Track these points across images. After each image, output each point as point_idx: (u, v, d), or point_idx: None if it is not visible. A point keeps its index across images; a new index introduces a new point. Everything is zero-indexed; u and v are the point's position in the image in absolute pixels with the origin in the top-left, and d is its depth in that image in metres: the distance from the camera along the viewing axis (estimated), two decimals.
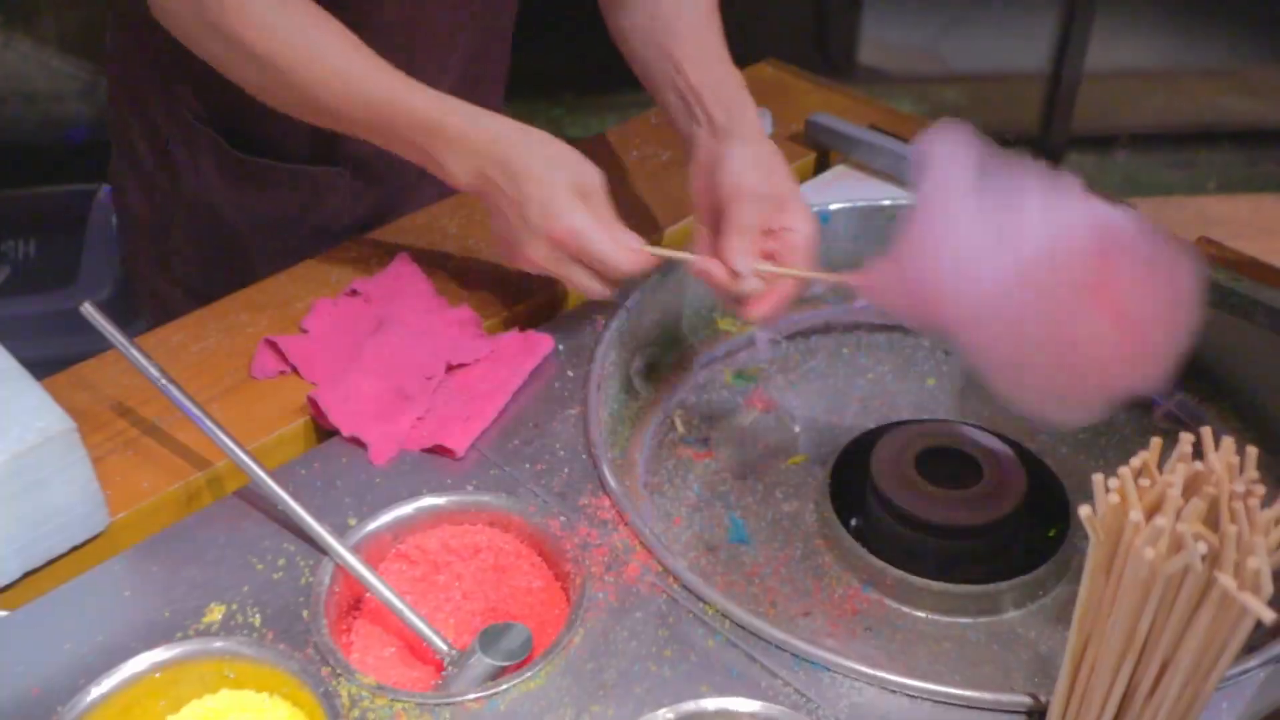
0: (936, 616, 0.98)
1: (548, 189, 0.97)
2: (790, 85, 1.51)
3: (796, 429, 1.17)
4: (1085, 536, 0.63)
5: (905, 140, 1.35)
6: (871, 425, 1.14)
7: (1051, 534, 1.02)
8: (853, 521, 1.04)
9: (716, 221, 1.03)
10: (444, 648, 0.83)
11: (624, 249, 0.98)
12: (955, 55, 3.39)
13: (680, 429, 1.15)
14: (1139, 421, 1.15)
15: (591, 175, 1.00)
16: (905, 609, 0.99)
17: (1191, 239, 1.21)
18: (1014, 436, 1.11)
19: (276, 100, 1.05)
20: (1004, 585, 0.99)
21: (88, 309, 0.93)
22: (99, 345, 1.01)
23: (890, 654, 0.95)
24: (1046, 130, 3.02)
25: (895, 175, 1.29)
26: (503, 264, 1.04)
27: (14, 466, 0.83)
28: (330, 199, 1.27)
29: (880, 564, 1.00)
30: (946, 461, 1.06)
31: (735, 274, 0.99)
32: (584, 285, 1.00)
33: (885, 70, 3.42)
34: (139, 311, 2.09)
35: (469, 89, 1.13)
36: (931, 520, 1.00)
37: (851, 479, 1.07)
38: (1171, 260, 0.84)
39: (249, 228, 1.27)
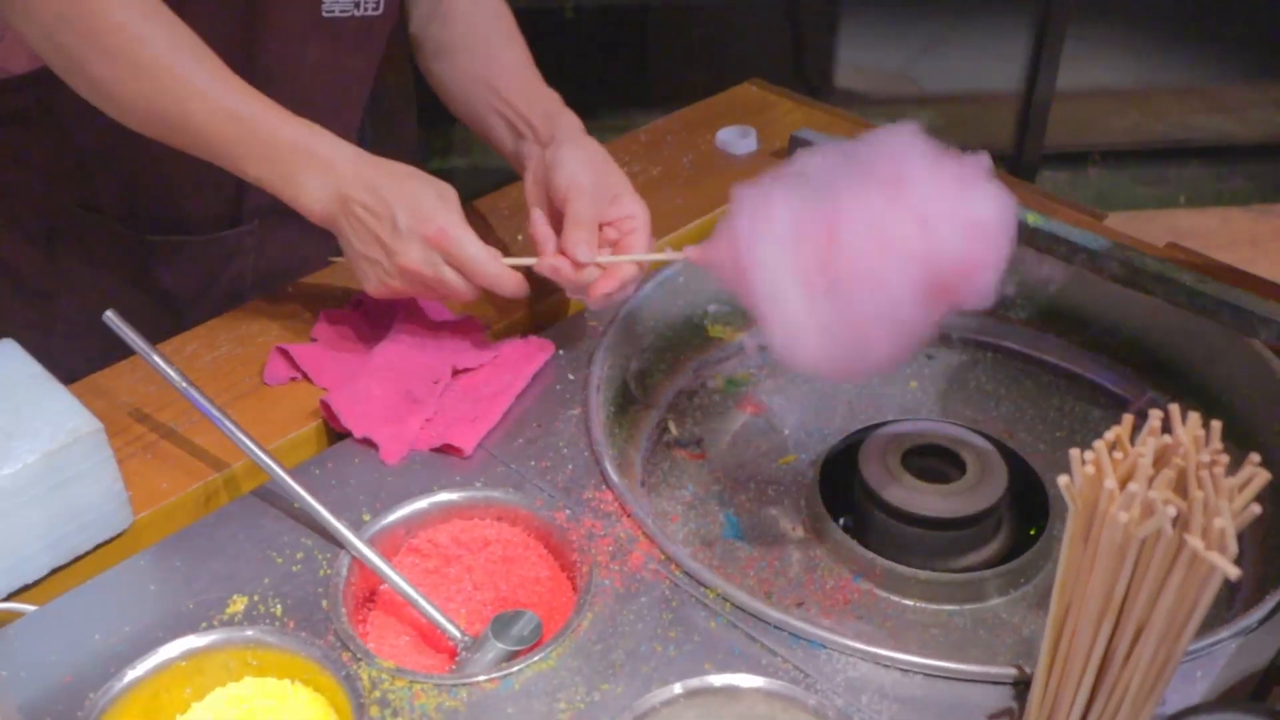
0: (924, 604, 1.03)
1: (414, 196, 1.01)
2: (773, 104, 1.57)
3: (786, 431, 1.21)
4: (1065, 526, 0.68)
5: None
6: (858, 426, 1.19)
7: (1032, 532, 1.07)
8: (842, 516, 1.08)
9: (556, 221, 1.08)
10: (458, 635, 0.88)
11: (489, 253, 1.03)
12: (929, 77, 3.47)
13: (674, 432, 1.20)
14: (1113, 420, 1.19)
15: (450, 190, 1.04)
16: (894, 598, 1.03)
17: (1160, 245, 1.27)
18: (994, 435, 1.16)
19: (132, 110, 1.03)
20: (988, 573, 1.03)
21: (110, 317, 0.97)
22: None
23: (880, 641, 0.99)
24: (1020, 148, 3.09)
25: None
26: (369, 290, 1.06)
27: (45, 465, 0.87)
28: (237, 261, 1.29)
29: (869, 555, 1.04)
30: (931, 458, 1.11)
31: (579, 265, 1.04)
32: (454, 287, 1.03)
33: (861, 93, 3.48)
34: None
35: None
36: (918, 513, 1.04)
37: (840, 476, 1.11)
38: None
39: (153, 306, 1.27)
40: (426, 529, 0.96)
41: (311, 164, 1.01)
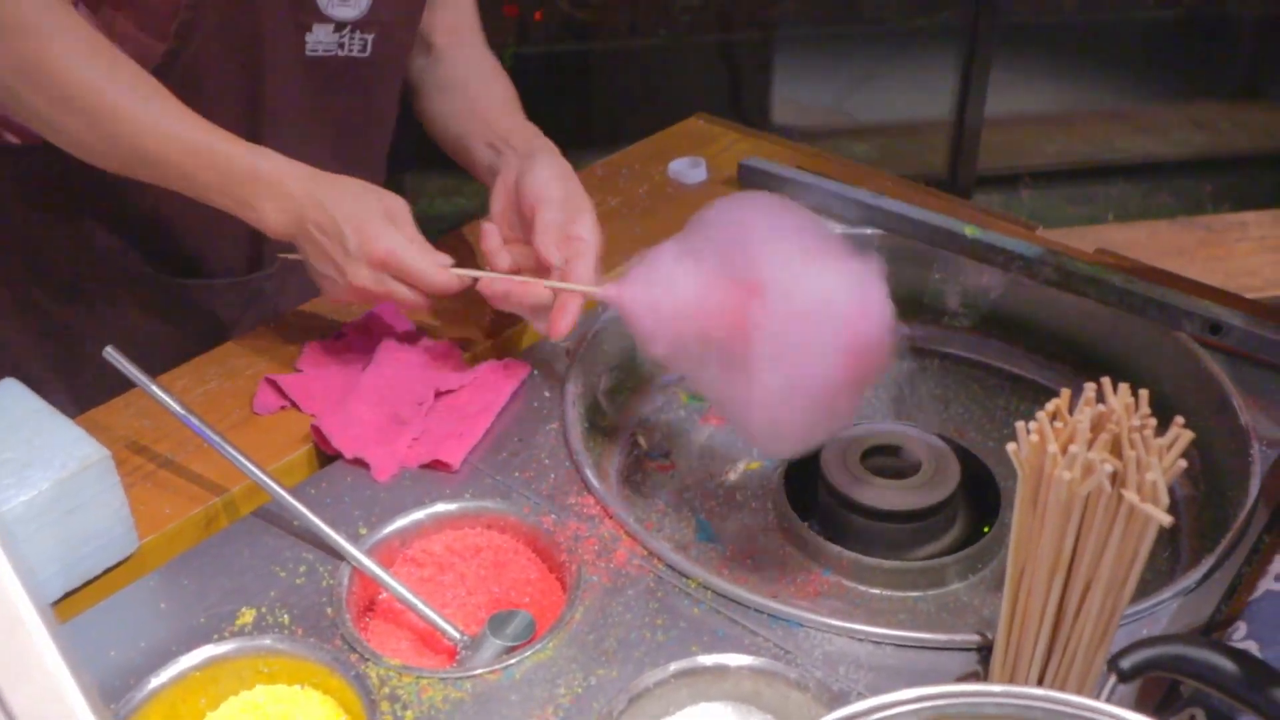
0: (890, 592, 1.09)
1: (360, 217, 1.07)
2: (720, 135, 1.64)
3: (749, 440, 1.28)
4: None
5: (832, 178, 1.48)
6: None
7: (986, 530, 1.14)
8: (808, 514, 1.15)
9: (514, 229, 1.16)
10: (456, 635, 0.93)
11: (433, 266, 1.08)
12: (863, 110, 3.57)
13: (643, 445, 1.26)
14: None
15: (399, 203, 1.11)
16: (861, 587, 1.10)
17: (1090, 250, 1.36)
18: (947, 435, 1.24)
19: (97, 153, 1.09)
20: (948, 560, 1.10)
21: (110, 352, 1.02)
22: None
23: (853, 619, 1.06)
24: (954, 173, 3.20)
25: (823, 209, 1.42)
26: (329, 299, 1.14)
27: (57, 491, 0.92)
28: (258, 304, 1.36)
29: (836, 549, 1.11)
30: (888, 457, 1.18)
31: (549, 264, 1.10)
32: (405, 298, 1.09)
33: (799, 128, 3.59)
34: None
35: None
36: (879, 507, 1.11)
37: (804, 478, 1.18)
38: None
39: (179, 345, 1.28)
40: (420, 540, 1.01)
41: (265, 188, 1.07)
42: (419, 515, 1.02)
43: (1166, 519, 0.67)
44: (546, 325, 1.11)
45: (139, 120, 1.06)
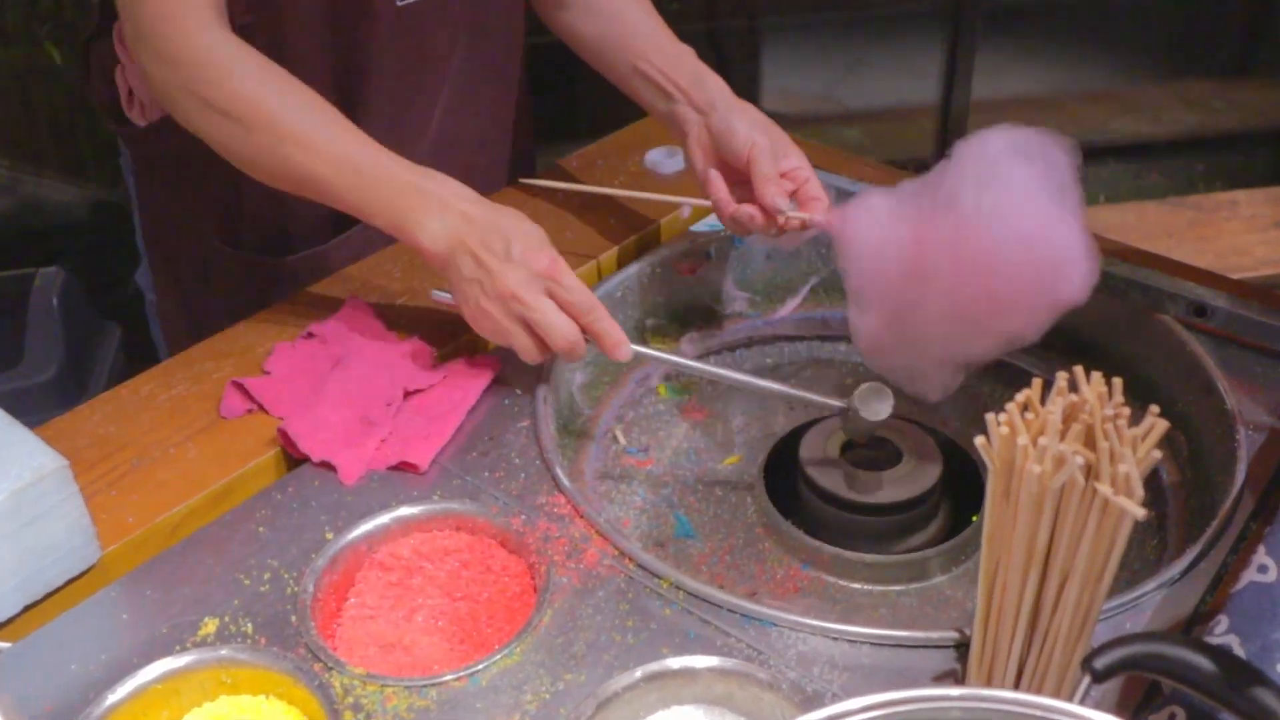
0: (871, 586, 1.07)
1: (527, 234, 1.08)
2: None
3: (729, 434, 1.26)
4: None
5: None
6: (799, 423, 1.23)
7: (975, 519, 1.12)
8: (787, 510, 1.13)
9: (729, 178, 1.20)
10: None
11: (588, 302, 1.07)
12: (851, 96, 3.54)
13: (621, 440, 1.24)
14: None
15: (548, 241, 1.10)
16: (842, 582, 1.08)
17: None
18: (929, 424, 1.22)
19: (266, 172, 1.13)
20: (930, 553, 1.08)
21: None
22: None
23: (830, 618, 1.04)
24: (940, 157, 3.16)
25: None
26: (478, 332, 1.11)
27: (14, 503, 0.90)
28: (367, 251, 1.37)
29: (816, 543, 1.09)
30: (869, 448, 1.15)
31: (778, 211, 1.15)
32: (544, 320, 1.06)
33: (787, 115, 3.56)
34: (85, 385, 2.15)
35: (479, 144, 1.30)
36: (860, 500, 1.09)
37: (784, 471, 1.16)
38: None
39: None
40: (388, 543, 0.99)
41: (429, 205, 1.08)
42: (386, 518, 0.99)
43: (1140, 512, 0.65)
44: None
45: (313, 145, 1.09)
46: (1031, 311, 0.99)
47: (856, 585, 1.08)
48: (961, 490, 1.15)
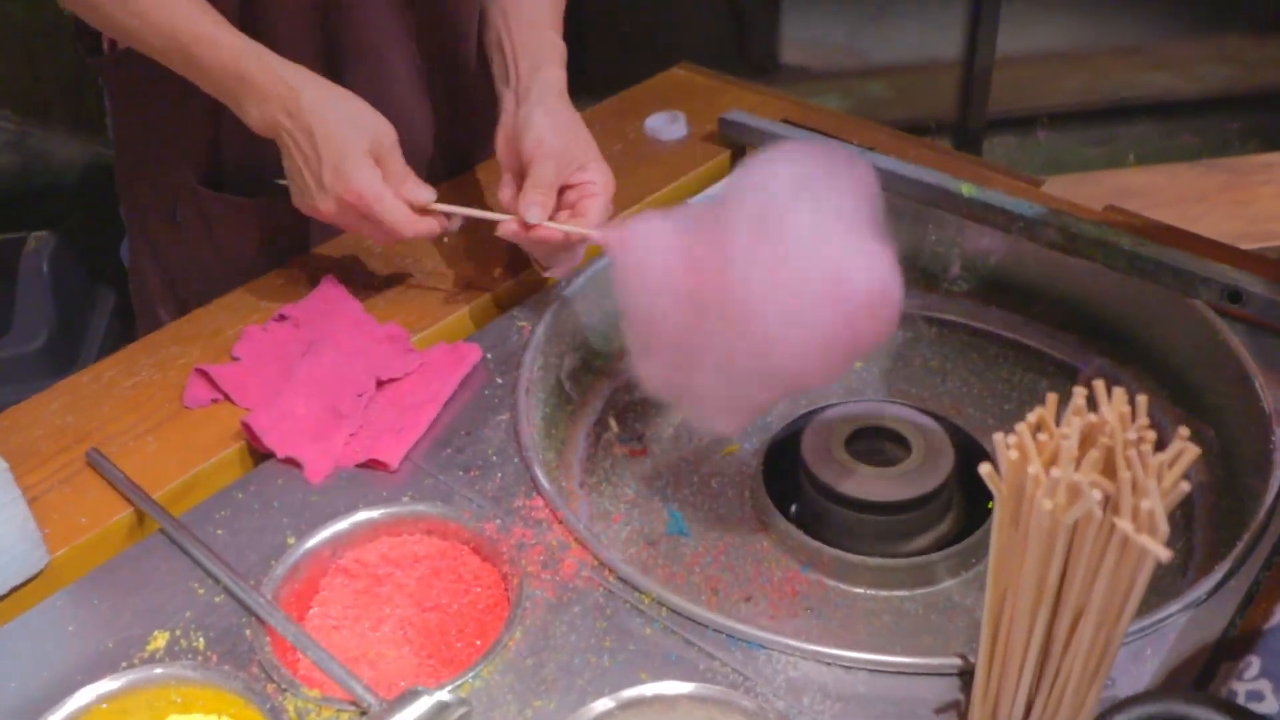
0: (875, 591, 1.01)
1: (339, 148, 1.03)
2: (703, 86, 1.53)
3: None
4: None
5: (819, 132, 1.37)
6: (801, 411, 1.16)
7: (990, 506, 1.05)
8: (788, 506, 1.06)
9: (520, 177, 1.08)
10: (372, 701, 0.82)
11: (407, 214, 1.05)
12: (874, 49, 3.43)
13: (614, 428, 1.17)
14: (1060, 388, 1.17)
15: (386, 133, 1.05)
16: (844, 586, 1.01)
17: (1099, 208, 1.25)
18: (941, 413, 1.14)
19: (108, 24, 1.09)
20: (937, 556, 1.01)
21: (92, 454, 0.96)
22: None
23: (831, 631, 0.97)
24: (964, 116, 3.06)
25: None
26: (297, 207, 1.10)
27: None
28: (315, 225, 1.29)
29: (816, 545, 1.02)
30: (875, 441, 1.08)
31: (528, 227, 1.04)
32: (374, 238, 1.09)
33: (808, 68, 3.45)
34: (76, 353, 2.09)
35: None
36: (863, 498, 1.02)
37: (785, 464, 1.09)
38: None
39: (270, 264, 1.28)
40: (353, 549, 0.93)
41: (249, 88, 1.04)
42: (352, 521, 0.93)
43: (1164, 554, 0.57)
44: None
45: (144, 13, 1.04)
46: (821, 358, 0.90)
47: (859, 590, 1.01)
48: (974, 484, 1.07)
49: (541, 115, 1.07)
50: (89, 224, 2.38)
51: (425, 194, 1.07)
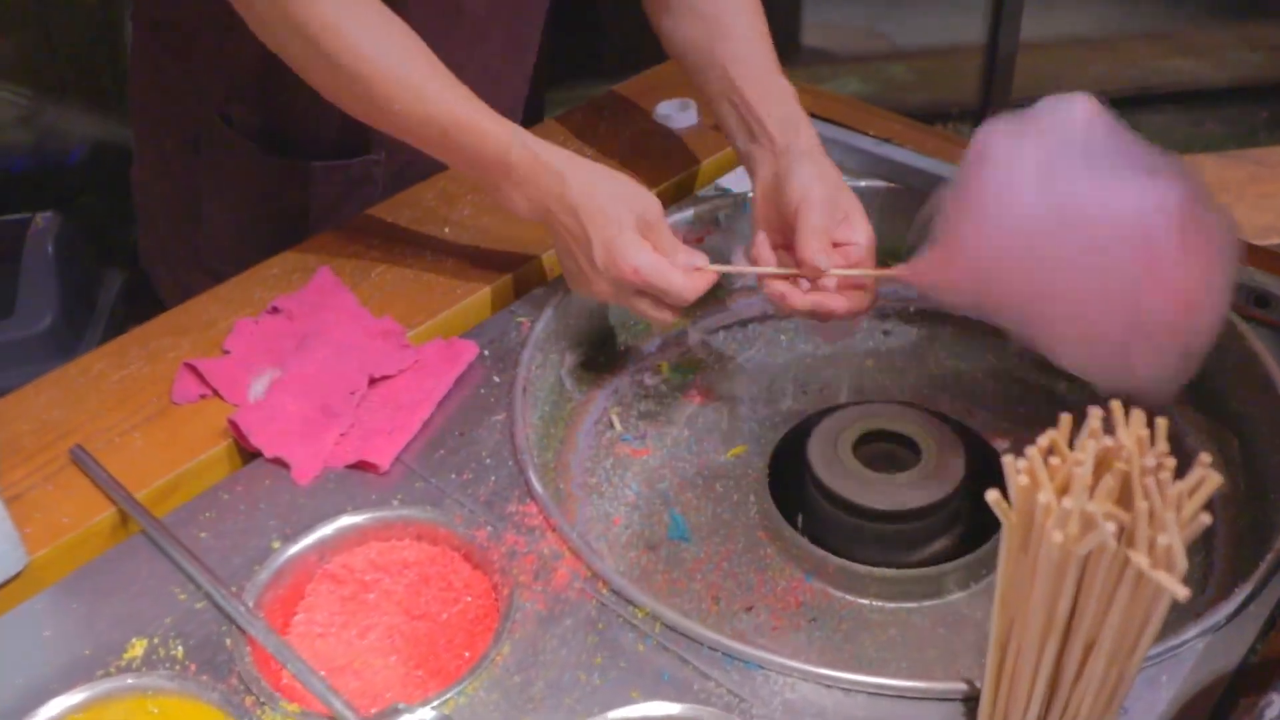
0: (881, 603, 0.97)
1: (611, 228, 0.99)
2: None
3: (735, 419, 1.15)
4: None
5: (832, 122, 1.34)
6: (810, 410, 1.13)
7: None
8: (793, 512, 1.03)
9: (781, 234, 1.06)
10: (351, 717, 0.78)
11: (686, 277, 1.00)
12: (897, 32, 3.39)
13: (617, 426, 1.14)
14: (1078, 393, 1.13)
15: (652, 207, 1.02)
16: (849, 597, 0.98)
17: None
18: (954, 414, 1.11)
19: (346, 104, 1.05)
20: (947, 567, 0.98)
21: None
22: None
23: (835, 644, 0.94)
24: (986, 101, 3.02)
25: None
26: (573, 292, 1.08)
27: None
28: (365, 189, 1.28)
29: (821, 554, 0.99)
30: (884, 444, 1.05)
31: (817, 271, 1.01)
32: (651, 316, 1.02)
33: (830, 52, 3.41)
34: (81, 335, 2.07)
35: (493, 82, 1.16)
36: (870, 506, 0.98)
37: (791, 468, 1.06)
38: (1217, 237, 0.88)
39: (284, 222, 1.28)
40: (341, 553, 0.90)
41: (515, 180, 1.02)
42: (340, 525, 0.90)
43: (1182, 592, 0.54)
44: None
45: (383, 85, 1.01)
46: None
47: (864, 601, 0.97)
48: (984, 490, 1.04)
49: (807, 165, 1.06)
50: (99, 204, 2.36)
51: (698, 259, 1.03)
